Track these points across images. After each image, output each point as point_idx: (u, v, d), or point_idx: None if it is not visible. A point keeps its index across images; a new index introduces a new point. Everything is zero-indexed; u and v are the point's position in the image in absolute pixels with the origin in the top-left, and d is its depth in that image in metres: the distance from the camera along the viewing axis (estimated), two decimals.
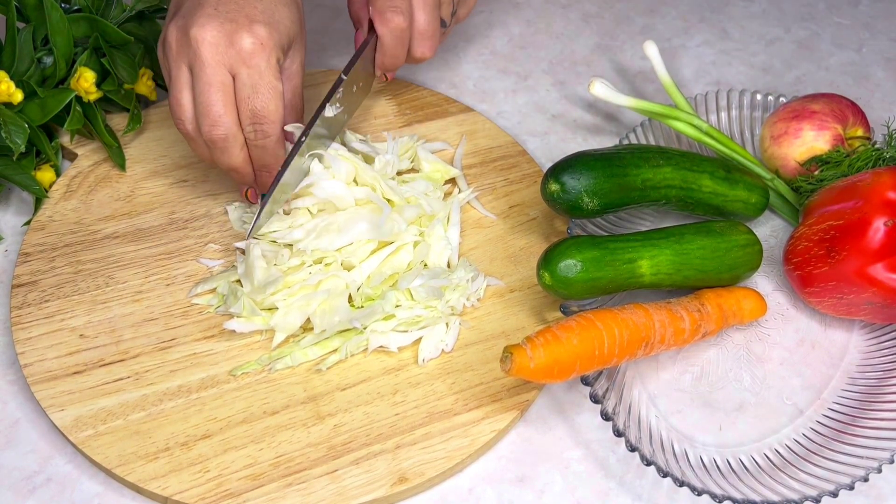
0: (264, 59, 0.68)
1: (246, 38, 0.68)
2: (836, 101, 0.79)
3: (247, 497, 0.62)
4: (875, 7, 1.03)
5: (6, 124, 0.74)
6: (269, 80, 0.69)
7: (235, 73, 0.68)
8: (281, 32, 0.70)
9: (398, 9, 0.75)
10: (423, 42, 0.78)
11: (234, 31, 0.68)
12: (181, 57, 0.69)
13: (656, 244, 0.70)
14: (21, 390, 0.68)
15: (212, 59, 0.67)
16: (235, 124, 0.69)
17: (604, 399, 0.65)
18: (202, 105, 0.68)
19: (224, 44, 0.68)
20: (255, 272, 0.70)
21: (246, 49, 0.68)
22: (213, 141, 0.69)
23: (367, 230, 0.71)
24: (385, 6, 0.76)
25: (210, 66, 0.67)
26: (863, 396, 0.70)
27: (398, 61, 0.79)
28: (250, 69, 0.68)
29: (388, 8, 0.75)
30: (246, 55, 0.68)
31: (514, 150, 0.84)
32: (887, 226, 0.68)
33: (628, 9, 1.01)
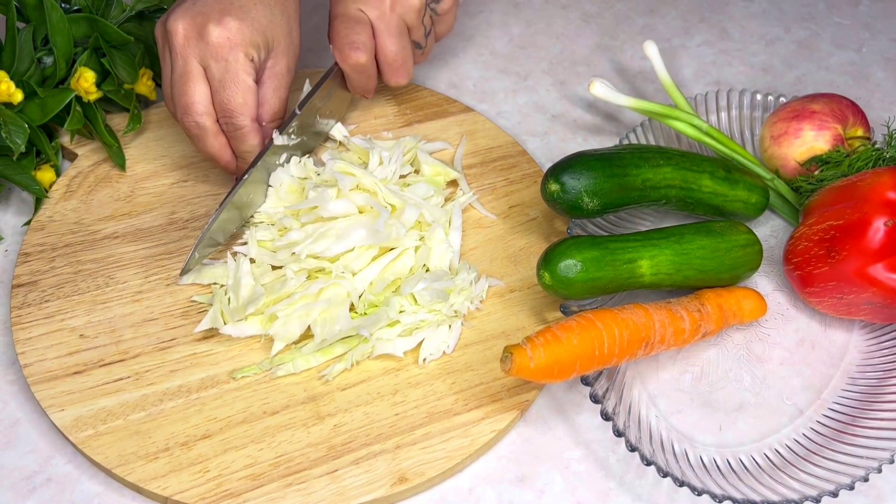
0: (232, 54, 0.70)
1: (214, 31, 0.70)
2: (836, 101, 0.79)
3: (247, 497, 0.62)
4: (875, 7, 1.03)
5: (6, 124, 0.74)
6: (234, 73, 0.70)
7: (206, 65, 0.71)
8: (255, 29, 0.71)
9: (355, 44, 0.76)
10: (395, 71, 0.79)
11: (203, 24, 0.70)
12: (164, 48, 0.73)
13: (656, 244, 0.70)
14: (21, 390, 0.68)
15: (182, 51, 0.70)
16: (207, 114, 0.71)
17: (604, 399, 0.65)
18: (175, 95, 0.72)
19: (194, 36, 0.70)
20: (241, 289, 0.70)
21: (213, 41, 0.70)
22: (187, 128, 0.73)
23: (366, 236, 0.71)
24: (343, 43, 0.76)
25: (181, 57, 0.71)
26: (863, 396, 0.70)
27: (368, 88, 0.80)
28: (218, 62, 0.70)
29: (346, 45, 0.76)
30: (214, 48, 0.70)
31: (514, 150, 0.84)
32: (887, 226, 0.68)
33: (628, 9, 1.01)
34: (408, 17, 0.77)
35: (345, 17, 0.76)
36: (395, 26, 0.77)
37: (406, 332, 0.70)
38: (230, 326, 0.69)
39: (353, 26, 0.76)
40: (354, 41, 0.76)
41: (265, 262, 0.73)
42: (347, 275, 0.71)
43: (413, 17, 0.77)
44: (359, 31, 0.76)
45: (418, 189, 0.77)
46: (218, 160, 0.74)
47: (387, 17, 0.76)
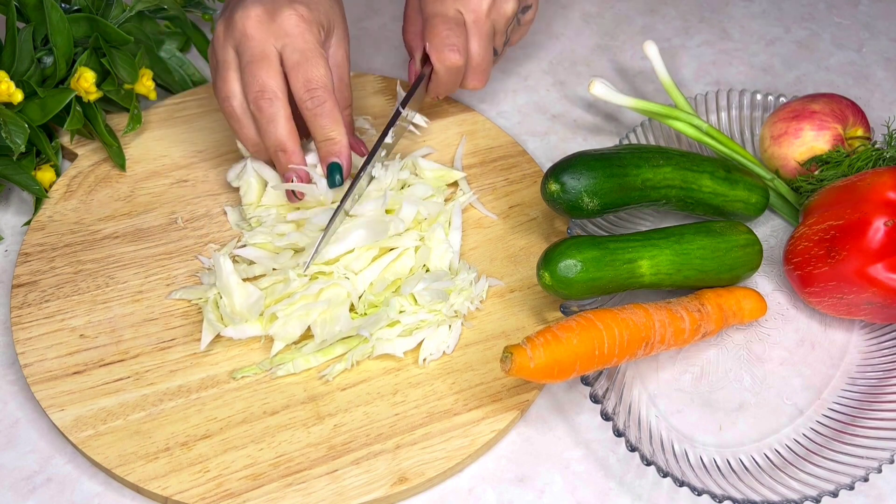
0: (307, 29, 0.72)
1: (288, 13, 0.71)
2: (837, 101, 0.79)
3: (247, 497, 0.62)
4: (875, 7, 1.03)
5: (6, 124, 0.74)
6: (314, 47, 0.72)
7: (281, 45, 0.71)
8: (321, 12, 0.73)
9: (455, 47, 0.77)
10: (477, 75, 0.80)
11: (276, 9, 0.72)
12: (227, 42, 0.73)
13: (656, 244, 0.70)
14: (21, 390, 0.68)
15: (257, 34, 0.71)
16: (283, 91, 0.71)
17: (604, 399, 0.65)
18: (248, 75, 0.71)
19: (267, 20, 0.71)
20: (233, 293, 0.70)
21: (289, 22, 0.71)
22: (261, 108, 0.71)
23: (365, 236, 0.71)
24: (443, 44, 0.77)
25: (255, 39, 0.71)
26: (863, 396, 0.70)
27: (451, 91, 0.81)
28: (295, 39, 0.71)
29: (446, 46, 0.77)
30: (289, 27, 0.71)
31: (514, 150, 0.84)
32: (887, 226, 0.68)
33: (628, 9, 1.01)
34: (498, 24, 0.79)
35: (444, 18, 0.77)
36: (486, 31, 0.78)
37: (406, 332, 0.70)
38: (230, 329, 0.69)
39: (454, 28, 0.77)
40: (455, 43, 0.77)
41: (265, 265, 0.72)
42: (349, 274, 0.71)
43: (503, 23, 0.79)
44: (458, 33, 0.77)
45: (417, 190, 0.77)
46: (286, 148, 0.72)
47: (481, 22, 0.77)
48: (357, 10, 0.98)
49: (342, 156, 0.73)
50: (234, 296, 0.69)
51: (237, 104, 0.72)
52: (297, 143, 0.73)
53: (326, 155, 0.73)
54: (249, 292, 0.69)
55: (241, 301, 0.69)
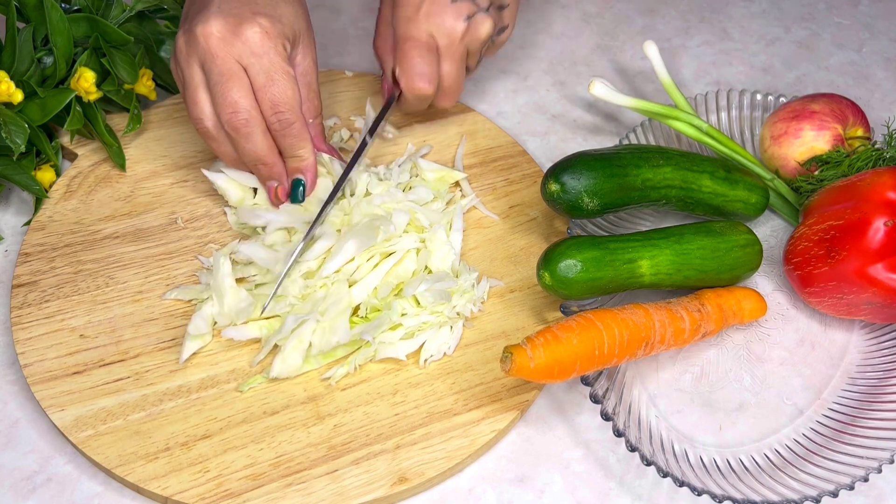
0: (272, 47, 0.70)
1: (251, 29, 0.69)
2: (837, 101, 0.79)
3: (247, 497, 0.62)
4: (875, 7, 1.03)
5: (6, 124, 0.74)
6: (279, 65, 0.70)
7: (246, 64, 0.70)
8: (284, 24, 0.71)
9: (425, 76, 0.76)
10: (448, 97, 0.80)
11: (238, 24, 0.69)
12: (191, 57, 0.70)
13: (656, 244, 0.70)
14: (21, 390, 0.68)
15: (221, 52, 0.69)
16: (255, 108, 0.70)
17: (604, 399, 0.65)
18: (219, 95, 0.69)
19: (230, 36, 0.69)
20: (224, 295, 0.69)
21: (252, 39, 0.69)
22: (236, 128, 0.70)
23: (356, 246, 0.71)
24: (413, 72, 0.76)
25: (220, 57, 0.69)
26: (863, 396, 0.70)
27: (419, 111, 0.82)
28: (260, 58, 0.70)
29: (416, 75, 0.76)
30: (253, 45, 0.69)
31: (514, 150, 0.84)
32: (887, 226, 0.68)
33: (628, 9, 1.01)
34: (472, 46, 0.78)
35: (416, 43, 0.76)
36: (459, 55, 0.77)
37: (408, 334, 0.69)
38: (231, 329, 0.69)
39: (425, 55, 0.76)
40: (425, 72, 0.76)
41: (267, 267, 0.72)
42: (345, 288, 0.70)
43: (477, 46, 0.78)
44: (429, 60, 0.76)
45: (419, 193, 0.77)
46: (266, 162, 0.72)
47: (454, 46, 0.76)
48: (354, 10, 0.99)
49: (308, 173, 0.74)
50: (226, 298, 0.69)
51: (211, 125, 0.71)
52: (276, 155, 0.73)
53: (293, 171, 0.74)
54: (241, 297, 0.69)
55: (231, 304, 0.69)
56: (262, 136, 0.71)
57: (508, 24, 0.80)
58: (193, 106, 0.71)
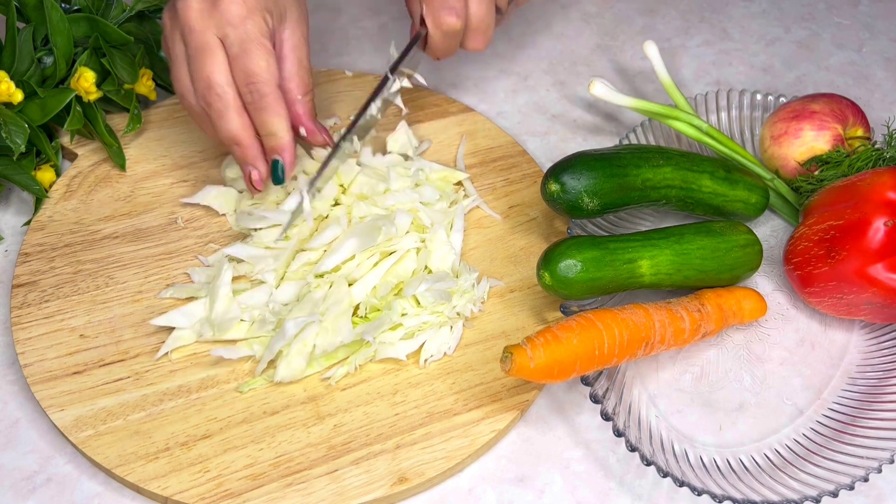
0: (250, 19, 0.68)
1: (229, 1, 0.68)
2: (837, 101, 0.79)
3: (247, 497, 0.62)
4: (875, 7, 1.03)
5: (6, 124, 0.74)
6: (256, 38, 0.68)
7: (223, 35, 0.68)
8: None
9: (453, 10, 0.74)
10: (477, 36, 0.77)
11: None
12: (174, 32, 0.70)
13: (656, 244, 0.70)
14: (21, 390, 0.68)
15: (198, 25, 0.68)
16: (229, 85, 0.69)
17: (604, 399, 0.65)
18: (195, 70, 0.69)
19: (209, 8, 0.68)
20: (216, 301, 0.69)
21: (230, 11, 0.68)
22: (209, 103, 0.69)
23: (357, 244, 0.71)
24: (441, 6, 0.74)
25: (197, 31, 0.68)
26: (863, 396, 0.70)
27: (450, 54, 0.78)
28: (236, 28, 0.68)
29: (443, 8, 0.74)
30: (230, 16, 0.68)
31: (514, 150, 0.84)
32: (887, 226, 0.68)
33: (628, 9, 1.01)
34: None
35: None
36: None
37: (408, 334, 0.69)
38: (222, 349, 0.68)
39: None
40: (453, 5, 0.74)
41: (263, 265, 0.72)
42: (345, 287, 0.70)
43: None
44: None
45: (424, 192, 0.77)
46: (240, 141, 0.70)
47: None
48: (354, 10, 0.99)
49: (284, 152, 0.71)
50: (217, 304, 0.69)
51: (193, 100, 0.70)
52: (252, 135, 0.70)
53: (269, 150, 0.71)
54: (232, 308, 0.69)
55: (220, 311, 0.69)
56: (237, 113, 0.69)
57: None
58: (176, 82, 0.71)
